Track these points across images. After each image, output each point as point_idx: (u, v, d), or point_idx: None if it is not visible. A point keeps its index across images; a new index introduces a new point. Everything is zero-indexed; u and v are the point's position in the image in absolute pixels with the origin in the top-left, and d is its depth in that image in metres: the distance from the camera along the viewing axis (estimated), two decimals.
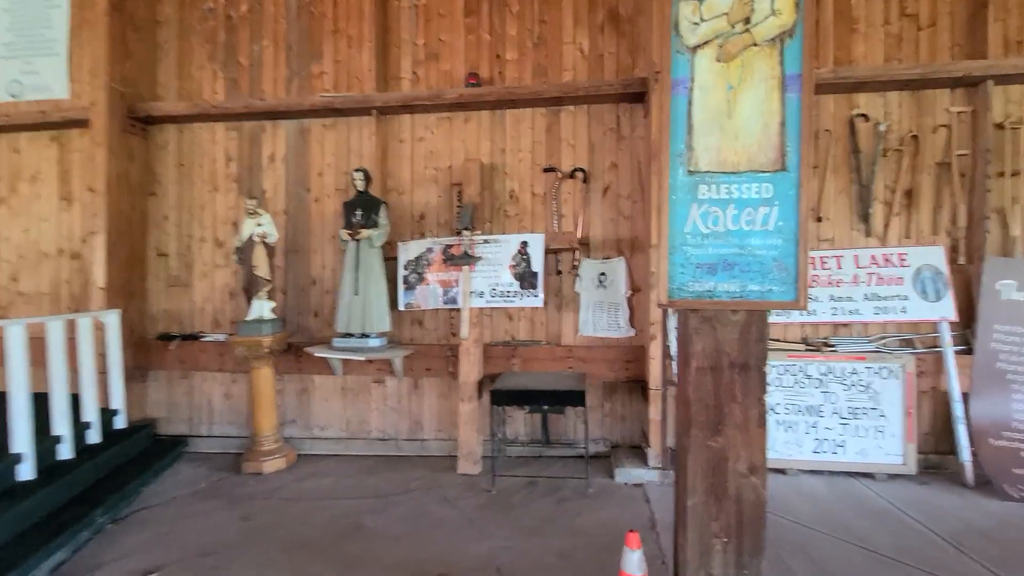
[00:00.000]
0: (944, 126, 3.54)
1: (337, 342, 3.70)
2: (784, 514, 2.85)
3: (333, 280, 4.08)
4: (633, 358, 3.72)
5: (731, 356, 1.74)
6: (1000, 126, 3.48)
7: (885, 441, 3.39)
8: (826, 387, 3.47)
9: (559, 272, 3.91)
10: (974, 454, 3.23)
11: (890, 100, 3.60)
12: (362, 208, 3.73)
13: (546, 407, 3.25)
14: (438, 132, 4.07)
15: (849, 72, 3.47)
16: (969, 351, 3.40)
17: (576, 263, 3.83)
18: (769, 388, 3.52)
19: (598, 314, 3.79)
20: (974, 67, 3.34)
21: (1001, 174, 3.48)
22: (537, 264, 3.64)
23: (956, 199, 3.51)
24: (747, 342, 1.73)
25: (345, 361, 3.92)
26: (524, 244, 3.68)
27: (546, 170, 3.92)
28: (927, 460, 3.47)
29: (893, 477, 3.33)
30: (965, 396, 3.34)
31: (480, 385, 3.71)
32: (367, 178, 3.74)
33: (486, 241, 3.72)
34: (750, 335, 1.73)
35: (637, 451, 3.70)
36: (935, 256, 3.45)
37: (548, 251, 3.80)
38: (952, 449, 3.35)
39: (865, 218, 3.60)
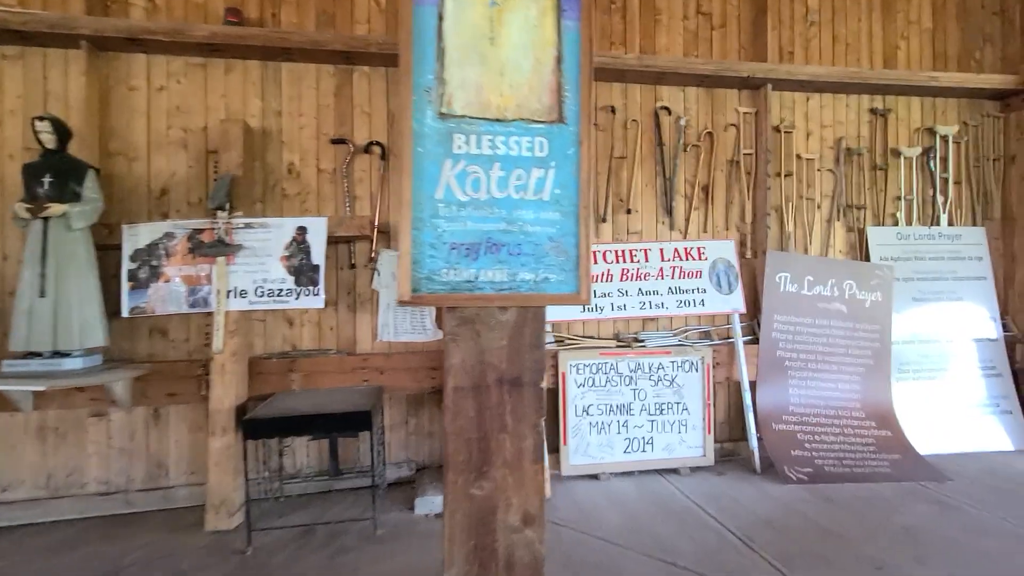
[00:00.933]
0: (733, 125, 3.69)
1: (9, 365, 2.55)
2: (591, 529, 2.59)
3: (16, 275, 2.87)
4: (441, 364, 3.23)
5: (499, 369, 1.28)
6: (777, 129, 3.73)
7: (688, 435, 3.39)
8: (636, 384, 3.36)
9: (353, 265, 3.25)
10: (760, 440, 3.37)
11: (689, 95, 3.65)
12: (54, 174, 2.63)
13: (321, 434, 2.57)
14: (188, 82, 3.10)
15: (652, 61, 3.40)
16: (756, 341, 3.57)
17: (374, 255, 3.20)
18: (583, 389, 3.31)
19: (400, 315, 3.21)
20: (756, 69, 3.50)
21: (779, 174, 3.72)
22: (318, 255, 2.93)
23: (744, 196, 3.68)
24: (519, 349, 1.29)
25: (39, 392, 2.76)
26: (301, 230, 2.94)
27: (334, 141, 3.22)
28: (723, 449, 3.57)
29: (695, 470, 3.34)
30: (753, 384, 3.49)
31: (243, 411, 2.87)
32: (59, 132, 2.65)
33: (248, 225, 2.89)
34: (523, 340, 1.30)
35: None
36: (727, 250, 3.56)
37: (338, 240, 3.12)
38: (744, 436, 3.47)
39: (669, 211, 3.60)
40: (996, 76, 3.83)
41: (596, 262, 3.41)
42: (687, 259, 3.51)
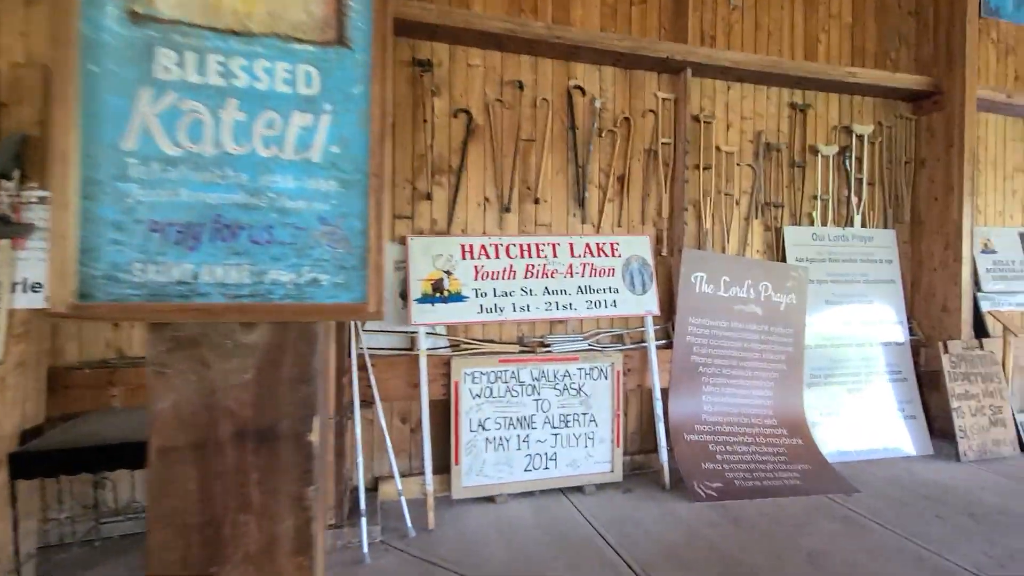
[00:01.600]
0: (652, 111, 3.41)
1: None
2: (470, 570, 2.20)
3: None
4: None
5: (239, 418, 0.84)
6: (697, 119, 3.49)
7: (596, 449, 3.09)
8: (539, 393, 3.02)
9: None
10: (672, 452, 3.13)
11: (605, 75, 3.32)
12: None
13: (124, 468, 2.02)
14: None
15: (564, 33, 3.04)
16: (671, 345, 3.32)
17: None
18: (479, 400, 2.92)
19: None
20: (675, 50, 3.23)
21: (697, 167, 3.49)
22: None
23: (661, 188, 3.41)
24: (273, 387, 0.86)
25: None
26: None
27: None
28: (634, 462, 3.31)
29: (602, 487, 3.04)
30: (666, 392, 3.24)
31: (34, 436, 2.25)
32: None
33: (44, 200, 2.27)
34: (280, 373, 0.86)
35: None
36: (642, 247, 3.28)
37: None
38: (656, 447, 3.22)
39: (581, 203, 3.27)
40: (909, 76, 3.78)
41: (498, 256, 3.03)
42: (599, 256, 3.20)
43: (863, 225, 3.87)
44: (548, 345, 3.15)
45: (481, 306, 2.94)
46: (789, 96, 3.73)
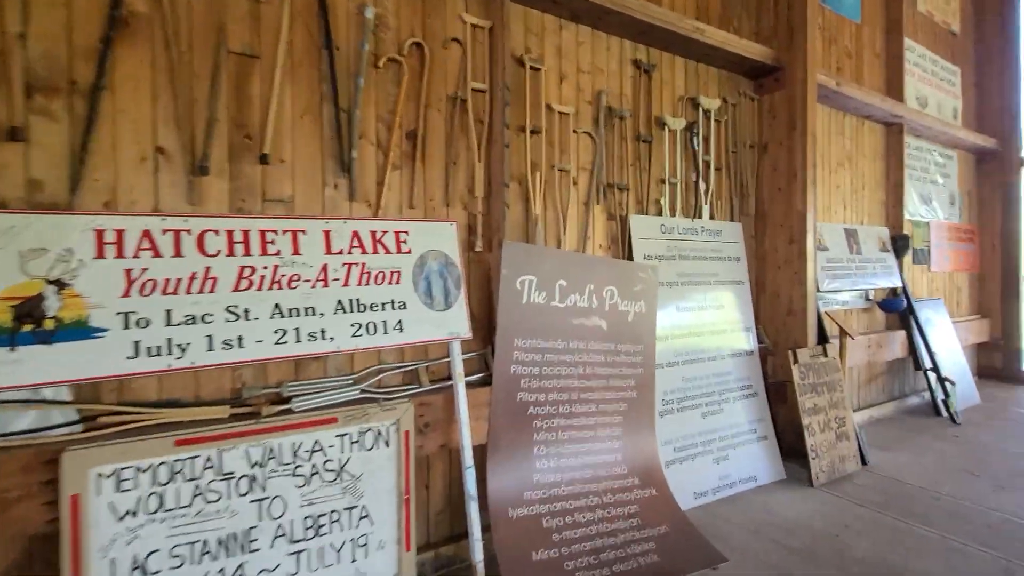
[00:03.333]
0: (457, 41, 2.35)
1: None
2: None
3: None
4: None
5: None
6: (521, 62, 2.52)
7: (372, 560, 1.93)
8: (264, 489, 1.76)
9: None
10: (491, 535, 2.11)
11: None
12: None
13: None
14: None
15: None
16: (490, 381, 2.31)
17: None
18: (135, 521, 1.55)
19: None
20: None
21: (523, 128, 2.53)
22: None
23: (474, 155, 2.38)
24: None
25: None
26: None
27: None
28: (439, 557, 2.23)
29: None
30: (483, 451, 2.22)
31: None
32: None
33: None
34: None
35: None
36: (445, 238, 2.20)
37: None
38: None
39: (347, 168, 2.07)
40: (755, 45, 3.30)
41: (180, 253, 1.68)
42: (377, 252, 2.04)
43: (711, 217, 3.31)
44: (287, 400, 1.90)
45: (137, 345, 1.57)
46: (632, 51, 2.97)
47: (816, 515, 2.68)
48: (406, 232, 2.11)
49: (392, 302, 2.03)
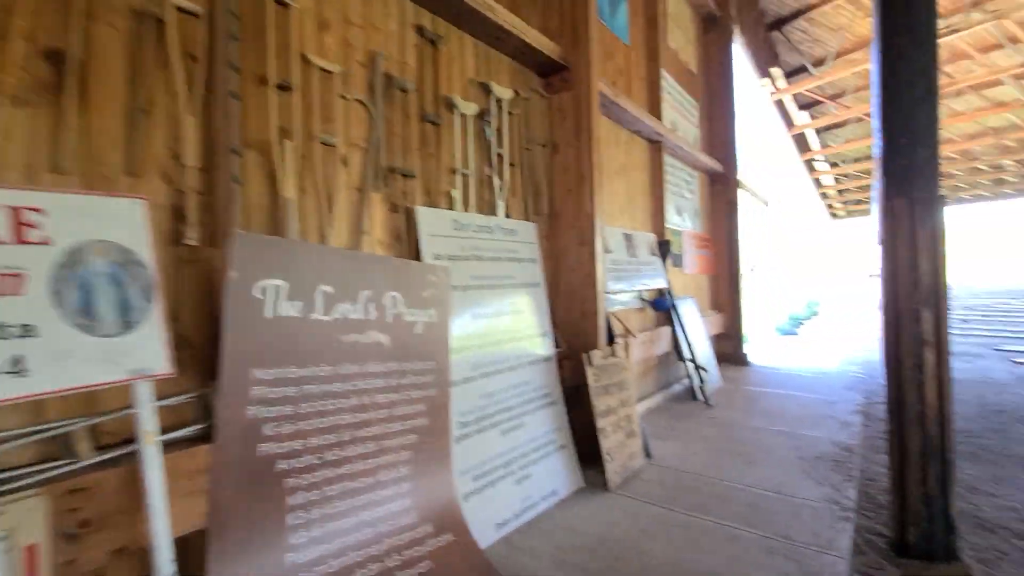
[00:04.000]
0: None
1: None
2: None
3: None
4: None
5: None
6: None
7: None
8: None
9: None
10: None
11: None
12: None
13: None
14: None
15: None
16: (210, 435, 1.57)
17: None
18: None
19: None
20: None
21: (264, 80, 1.85)
22: None
23: (181, 105, 1.62)
24: None
25: None
26: None
27: None
28: None
29: None
30: (204, 543, 1.48)
31: None
32: None
33: None
34: None
35: None
36: (125, 223, 1.41)
37: None
38: None
39: None
40: (544, 39, 3.17)
41: None
42: None
43: (507, 215, 3.07)
44: None
45: None
46: (415, 14, 2.53)
47: (616, 525, 2.58)
48: (37, 210, 1.27)
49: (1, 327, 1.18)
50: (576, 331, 3.39)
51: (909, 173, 2.31)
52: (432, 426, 2.25)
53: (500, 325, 2.84)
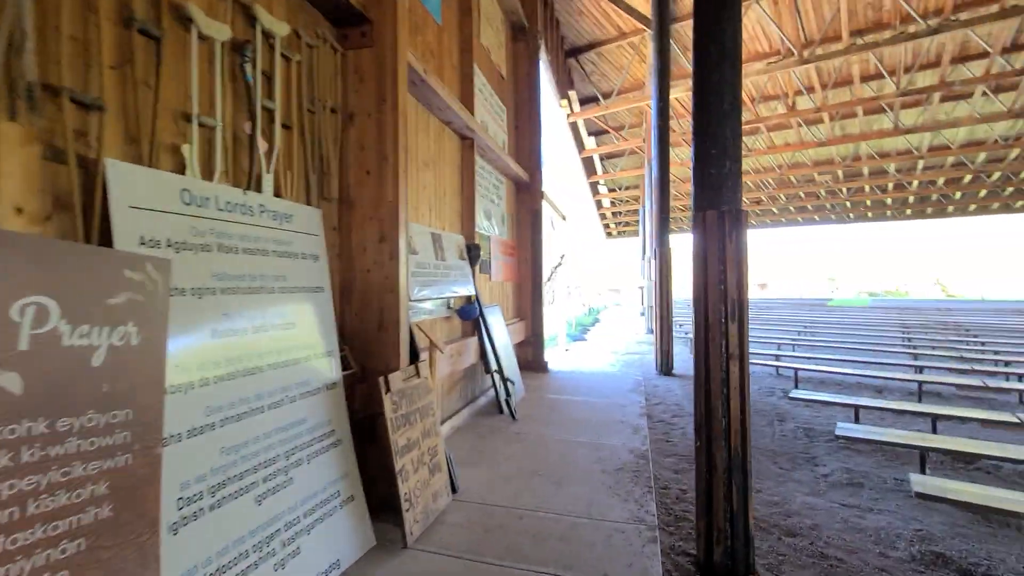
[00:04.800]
0: None
1: None
2: None
3: None
4: None
5: None
6: None
7: None
8: None
9: None
10: None
11: None
12: None
13: None
14: None
15: None
16: None
17: None
18: None
19: None
20: None
21: None
22: None
23: None
24: None
25: None
26: None
27: None
28: None
29: None
30: None
31: None
32: None
33: None
34: None
35: None
36: None
37: None
38: None
39: None
40: None
41: None
42: None
43: (278, 194, 2.26)
44: None
45: None
46: None
47: None
48: None
49: None
50: (372, 347, 2.74)
51: (719, 184, 2.29)
52: (119, 519, 1.37)
53: (261, 345, 2.03)
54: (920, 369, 6.90)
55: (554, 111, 11.50)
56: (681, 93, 9.88)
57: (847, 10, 8.14)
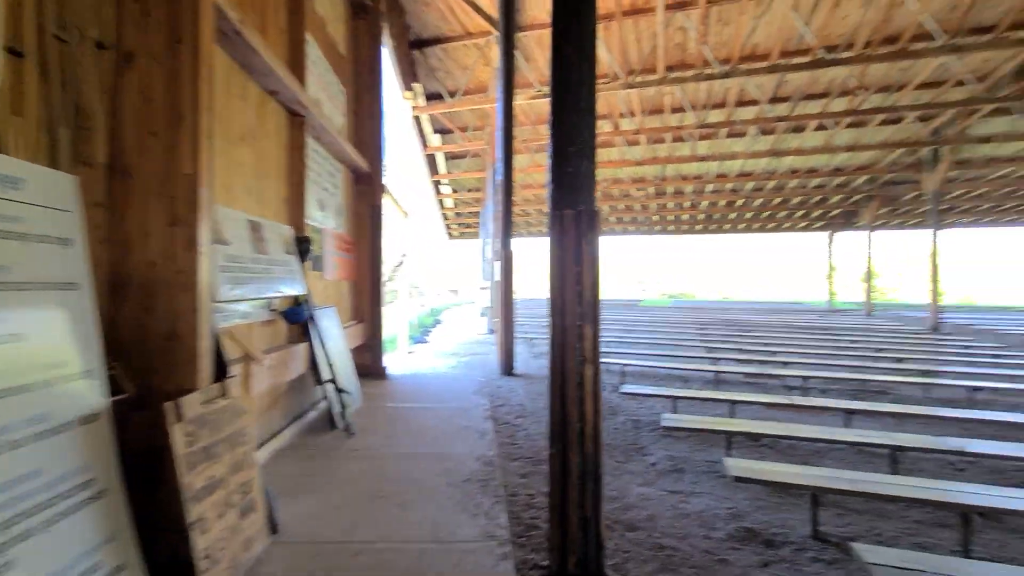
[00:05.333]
0: None
1: None
2: None
3: None
4: None
5: None
6: None
7: None
8: None
9: None
10: None
11: None
12: None
13: None
14: None
15: None
16: None
17: None
18: None
19: None
20: None
21: None
22: None
23: None
24: None
25: None
26: None
27: None
28: None
29: None
30: None
31: None
32: None
33: None
34: None
35: None
36: None
37: None
38: None
39: None
40: None
41: None
42: None
43: (5, 150, 1.56)
44: None
45: None
46: None
47: None
48: None
49: None
50: (159, 362, 2.10)
51: (577, 184, 2.23)
52: None
53: None
54: (716, 360, 8.10)
55: (399, 102, 10.99)
56: (522, 101, 10.21)
57: (662, 47, 9.25)
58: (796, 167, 16.68)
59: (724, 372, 6.84)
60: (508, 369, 7.22)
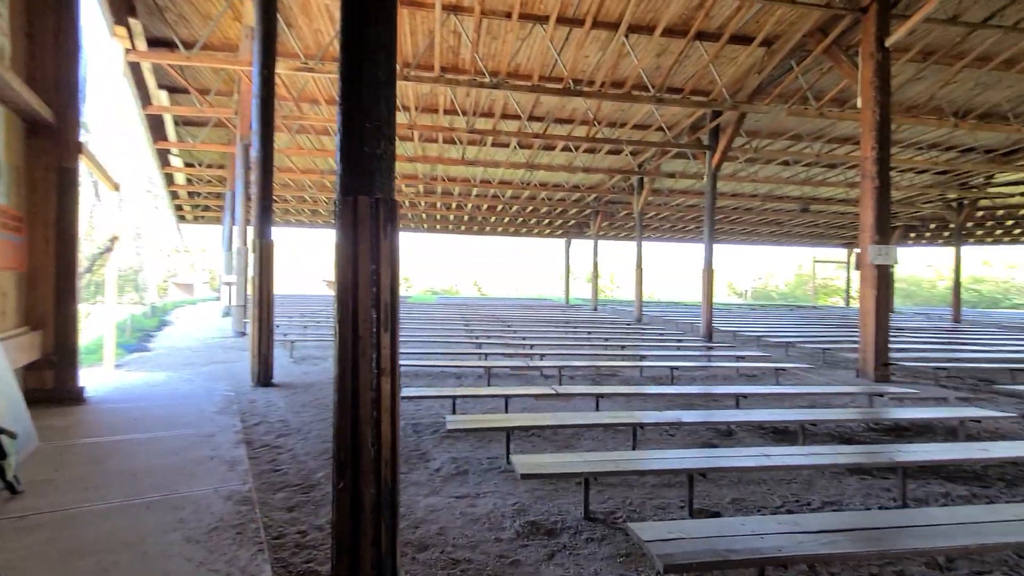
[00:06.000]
0: None
1: None
2: None
3: None
4: None
5: None
6: None
7: None
8: None
9: None
10: None
11: None
12: None
13: None
14: None
15: None
16: None
17: None
18: None
19: None
20: None
21: None
22: None
23: None
24: None
25: None
26: None
27: None
28: None
29: None
30: None
31: None
32: None
33: None
34: None
35: None
36: None
37: None
38: None
39: None
40: None
41: None
42: None
43: None
44: None
45: None
46: None
47: None
48: None
49: None
50: None
51: (373, 167, 1.91)
52: None
53: None
54: (485, 356, 8.52)
55: (109, 41, 8.40)
56: (284, 71, 8.98)
57: (439, 45, 9.29)
58: (545, 181, 19.02)
59: (493, 367, 7.22)
60: (265, 379, 6.21)
